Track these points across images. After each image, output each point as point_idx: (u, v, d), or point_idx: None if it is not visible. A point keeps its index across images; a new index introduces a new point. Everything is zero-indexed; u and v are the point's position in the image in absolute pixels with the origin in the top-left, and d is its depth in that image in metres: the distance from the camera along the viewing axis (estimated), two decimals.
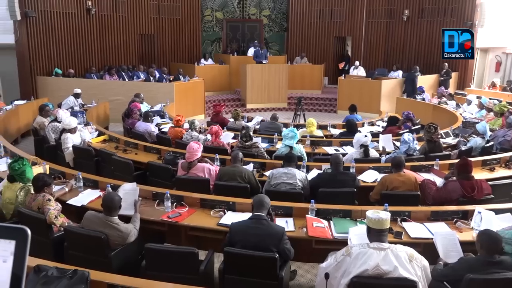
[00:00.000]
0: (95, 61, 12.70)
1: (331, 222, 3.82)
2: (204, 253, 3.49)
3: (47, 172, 4.72)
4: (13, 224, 0.52)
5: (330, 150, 6.47)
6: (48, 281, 2.39)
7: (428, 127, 5.93)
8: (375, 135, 6.86)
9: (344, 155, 5.72)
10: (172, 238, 3.98)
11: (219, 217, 3.94)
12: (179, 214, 3.98)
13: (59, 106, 8.82)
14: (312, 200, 3.96)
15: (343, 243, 3.33)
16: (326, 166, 5.13)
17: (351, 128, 7.15)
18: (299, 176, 4.60)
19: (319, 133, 7.34)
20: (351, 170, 5.07)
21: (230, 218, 3.85)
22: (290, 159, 4.78)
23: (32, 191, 3.94)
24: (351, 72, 13.55)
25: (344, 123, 7.93)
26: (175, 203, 4.17)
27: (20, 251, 0.50)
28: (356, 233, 3.32)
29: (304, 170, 5.15)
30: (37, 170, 4.57)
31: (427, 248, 3.37)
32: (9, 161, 4.70)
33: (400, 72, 13.42)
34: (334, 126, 8.33)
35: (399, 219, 3.80)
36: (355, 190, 4.47)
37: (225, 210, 4.06)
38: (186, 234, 3.96)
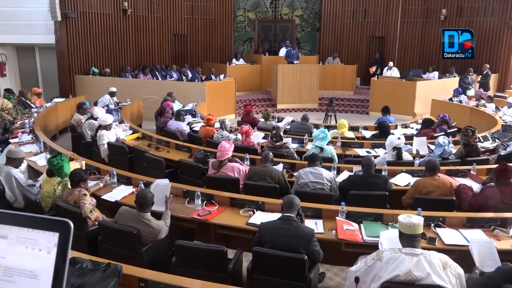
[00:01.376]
0: (130, 60, 13.04)
1: (361, 225, 3.76)
2: (233, 251, 3.51)
3: (83, 168, 4.89)
4: (56, 217, 0.54)
5: (361, 152, 6.38)
6: (83, 273, 2.47)
7: (465, 130, 5.72)
8: (408, 138, 6.70)
9: (376, 157, 5.62)
10: (201, 236, 4.03)
11: (248, 217, 3.96)
12: (209, 212, 4.03)
13: (95, 104, 9.10)
14: (343, 203, 3.91)
15: (373, 247, 3.26)
16: (357, 168, 5.06)
17: (383, 130, 7.02)
18: (326, 175, 4.56)
19: (351, 134, 7.24)
20: (383, 173, 4.97)
21: (259, 218, 3.86)
22: (313, 158, 4.76)
23: (69, 186, 4.09)
24: (384, 73, 13.28)
25: (377, 125, 7.79)
26: (205, 201, 4.21)
27: (63, 243, 0.52)
28: (388, 237, 3.25)
29: (335, 172, 5.09)
30: (74, 165, 4.73)
31: (462, 256, 3.26)
32: (48, 156, 4.89)
33: (436, 74, 13.03)
34: (366, 128, 8.19)
35: (432, 225, 3.69)
36: (387, 193, 4.37)
37: (254, 210, 4.07)
38: (216, 232, 4.00)
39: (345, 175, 5.09)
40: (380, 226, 3.72)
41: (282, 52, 13.79)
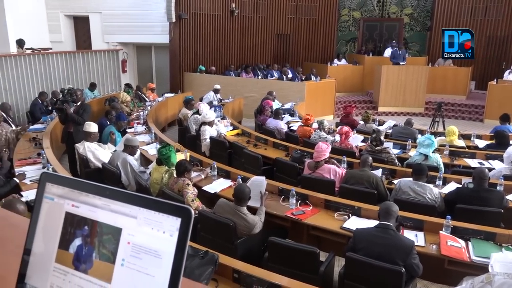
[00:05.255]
0: (234, 59, 13.59)
1: (469, 243, 3.43)
2: (324, 254, 3.46)
3: (188, 159, 5.23)
4: (179, 204, 0.59)
5: (473, 163, 5.81)
6: None
7: None
8: None
9: (490, 170, 5.07)
10: (294, 234, 4.04)
11: (342, 221, 3.87)
12: (302, 212, 4.02)
13: (201, 100, 9.67)
14: (448, 216, 3.60)
15: (482, 268, 2.96)
16: (467, 180, 4.62)
17: (501, 140, 6.30)
18: (430, 193, 4.17)
19: (461, 143, 6.64)
20: (498, 187, 4.47)
21: (354, 223, 3.75)
22: (419, 171, 4.31)
23: (175, 175, 4.41)
24: (505, 76, 11.90)
25: (493, 134, 7.03)
26: (299, 201, 4.22)
27: (185, 228, 0.56)
28: (501, 260, 2.90)
29: (440, 182, 4.72)
30: (180, 156, 5.10)
31: None
32: (158, 146, 5.33)
33: None
34: (479, 137, 7.44)
35: None
36: (502, 210, 3.92)
37: (350, 214, 3.96)
38: (308, 232, 3.98)
39: (452, 186, 4.69)
40: (491, 247, 3.35)
41: (387, 52, 13.17)
